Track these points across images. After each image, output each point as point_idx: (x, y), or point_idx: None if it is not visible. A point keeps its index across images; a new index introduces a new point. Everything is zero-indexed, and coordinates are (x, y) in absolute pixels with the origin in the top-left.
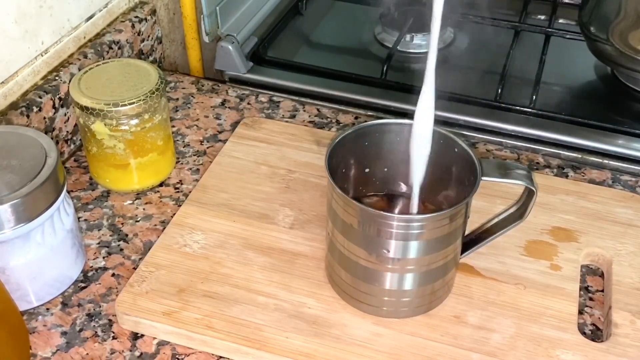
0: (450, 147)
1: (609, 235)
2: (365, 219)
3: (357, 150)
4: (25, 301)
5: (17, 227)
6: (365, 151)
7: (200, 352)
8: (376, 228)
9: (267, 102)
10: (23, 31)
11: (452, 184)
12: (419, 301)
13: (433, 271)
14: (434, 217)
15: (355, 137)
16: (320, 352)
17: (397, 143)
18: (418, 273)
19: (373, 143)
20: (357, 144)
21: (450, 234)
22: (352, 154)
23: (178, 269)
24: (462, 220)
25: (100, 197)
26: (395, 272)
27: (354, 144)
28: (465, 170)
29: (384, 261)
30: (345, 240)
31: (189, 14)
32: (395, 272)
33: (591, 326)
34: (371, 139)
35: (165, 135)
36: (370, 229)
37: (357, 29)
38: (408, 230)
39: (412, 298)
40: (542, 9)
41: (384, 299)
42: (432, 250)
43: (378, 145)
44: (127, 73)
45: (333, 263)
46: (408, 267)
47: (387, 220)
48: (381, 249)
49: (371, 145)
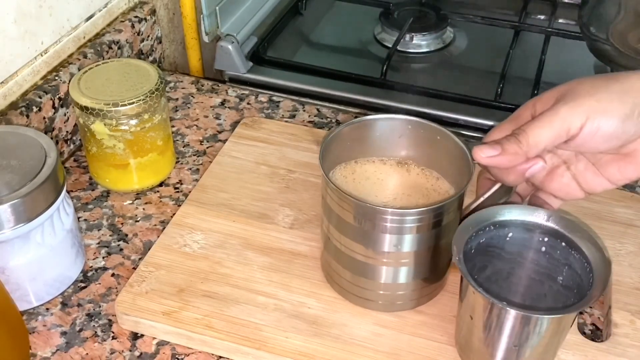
0: (444, 140)
1: (609, 235)
2: (360, 213)
3: (351, 145)
4: (25, 301)
5: (16, 227)
6: (359, 146)
7: (200, 352)
8: (371, 222)
9: (266, 102)
10: (23, 31)
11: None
12: (414, 294)
13: (427, 261)
14: (428, 210)
15: (349, 131)
16: (320, 352)
17: (390, 137)
18: (413, 266)
19: (366, 137)
20: (350, 139)
21: (446, 225)
22: (346, 149)
23: (178, 269)
24: (457, 212)
25: (100, 197)
26: (390, 265)
27: (348, 139)
28: (459, 162)
29: (379, 255)
30: (340, 236)
31: (189, 14)
32: (391, 265)
33: (591, 326)
34: (364, 133)
35: (165, 135)
36: (365, 223)
37: (357, 29)
38: (403, 223)
39: (408, 291)
40: (542, 9)
41: (380, 293)
42: (425, 243)
43: (371, 139)
44: (126, 73)
45: (329, 259)
46: (403, 261)
47: (382, 214)
48: (376, 243)
49: (364, 140)
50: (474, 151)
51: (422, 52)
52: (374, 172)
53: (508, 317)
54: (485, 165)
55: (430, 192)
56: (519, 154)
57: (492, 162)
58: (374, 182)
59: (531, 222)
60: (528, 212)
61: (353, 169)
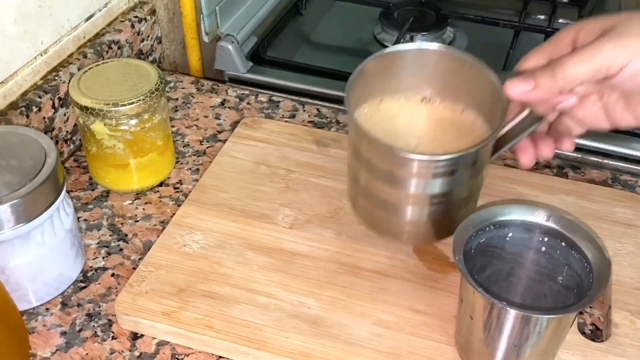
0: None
1: (609, 235)
2: (387, 157)
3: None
4: (24, 301)
5: (16, 227)
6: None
7: (200, 352)
8: (398, 166)
9: (266, 102)
10: (23, 31)
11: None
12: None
13: (457, 201)
14: (460, 156)
15: (374, 66)
16: (320, 352)
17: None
18: (441, 205)
19: (391, 72)
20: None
21: (476, 167)
22: (370, 87)
23: (177, 269)
24: (488, 154)
25: (100, 197)
26: (417, 205)
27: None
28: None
29: (406, 196)
30: (369, 176)
31: (189, 14)
32: (417, 205)
33: (591, 326)
34: (389, 68)
35: (164, 135)
36: (393, 167)
37: (357, 29)
38: (432, 169)
39: (433, 227)
40: (542, 9)
41: (405, 229)
42: (458, 184)
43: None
44: (126, 73)
45: (354, 191)
46: (431, 201)
47: (409, 160)
48: (402, 186)
49: (389, 75)
50: (507, 85)
51: None
52: (399, 109)
53: (508, 317)
54: (517, 100)
55: (458, 127)
56: (553, 89)
57: (525, 98)
58: (400, 120)
59: (531, 222)
60: (528, 212)
61: (378, 107)
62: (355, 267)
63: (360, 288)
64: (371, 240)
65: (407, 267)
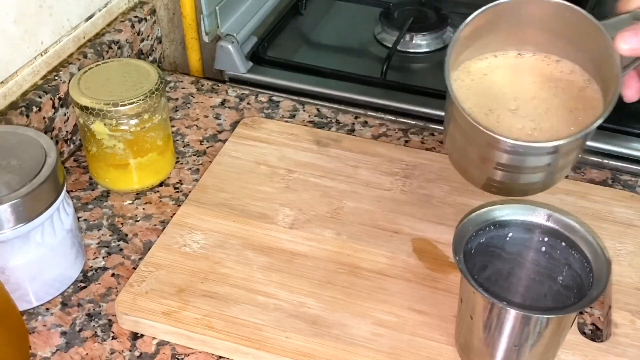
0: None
1: (609, 235)
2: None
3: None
4: (24, 301)
5: (16, 227)
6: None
7: (200, 352)
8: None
9: (266, 102)
10: (23, 31)
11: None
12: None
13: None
14: (568, 142)
15: (486, 21)
16: (320, 352)
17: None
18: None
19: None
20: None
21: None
22: (460, 49)
23: (178, 268)
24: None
25: (100, 197)
26: (507, 172)
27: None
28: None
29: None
30: (463, 139)
31: (189, 14)
32: (508, 172)
33: (591, 326)
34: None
35: (164, 135)
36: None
37: (357, 29)
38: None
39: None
40: None
41: (494, 185)
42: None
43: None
44: (126, 73)
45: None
46: (526, 170)
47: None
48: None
49: (501, 31)
50: (617, 41)
51: (422, 52)
52: (494, 67)
53: (508, 317)
54: (629, 55)
55: (557, 81)
56: None
57: (637, 53)
58: (495, 78)
59: (531, 222)
60: (528, 212)
61: (468, 69)
62: (355, 267)
63: (360, 288)
64: (371, 240)
65: (407, 267)
